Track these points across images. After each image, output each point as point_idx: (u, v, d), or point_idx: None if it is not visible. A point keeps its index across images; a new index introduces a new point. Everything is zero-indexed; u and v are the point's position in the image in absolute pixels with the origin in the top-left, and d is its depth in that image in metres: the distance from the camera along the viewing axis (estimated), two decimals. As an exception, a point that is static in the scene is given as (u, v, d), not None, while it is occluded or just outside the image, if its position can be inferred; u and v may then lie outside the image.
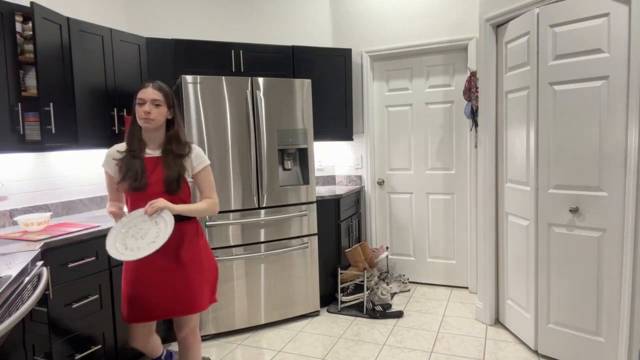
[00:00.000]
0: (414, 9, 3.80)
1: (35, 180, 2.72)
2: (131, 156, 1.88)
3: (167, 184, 1.87)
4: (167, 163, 1.90)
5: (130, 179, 1.85)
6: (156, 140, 1.94)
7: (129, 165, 1.87)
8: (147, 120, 1.86)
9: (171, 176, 1.88)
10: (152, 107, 1.86)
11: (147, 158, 1.91)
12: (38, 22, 2.28)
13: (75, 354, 2.20)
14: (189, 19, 3.64)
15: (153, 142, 1.94)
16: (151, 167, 1.89)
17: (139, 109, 1.87)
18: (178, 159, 1.92)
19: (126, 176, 1.85)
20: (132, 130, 1.93)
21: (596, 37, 2.20)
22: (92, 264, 2.30)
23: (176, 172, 1.89)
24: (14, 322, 1.38)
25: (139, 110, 1.86)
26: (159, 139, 1.95)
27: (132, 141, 1.92)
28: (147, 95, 1.86)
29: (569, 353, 2.46)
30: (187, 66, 3.19)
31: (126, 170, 1.86)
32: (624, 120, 2.13)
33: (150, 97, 1.86)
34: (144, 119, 1.85)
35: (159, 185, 1.88)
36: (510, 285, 2.90)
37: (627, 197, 2.13)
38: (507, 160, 2.86)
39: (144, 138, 1.93)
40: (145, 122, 1.86)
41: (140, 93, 1.88)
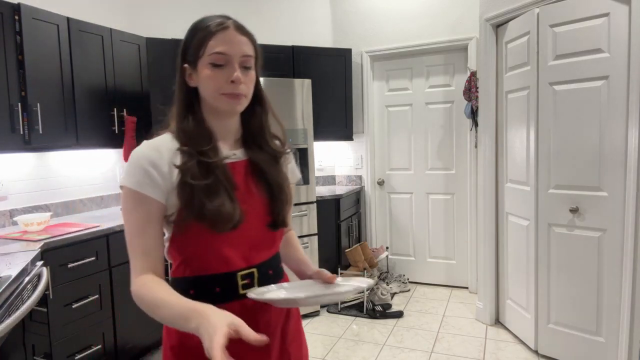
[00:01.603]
0: (414, 9, 3.80)
1: (35, 180, 2.72)
2: (204, 162, 0.94)
3: (276, 210, 1.02)
4: (268, 171, 1.03)
5: (215, 207, 0.90)
6: (230, 131, 1.03)
7: (208, 179, 0.92)
8: (236, 97, 0.95)
9: (280, 196, 1.03)
10: (241, 70, 0.96)
11: (231, 164, 0.99)
12: (26, 22, 2.28)
13: (75, 354, 2.20)
14: (189, 19, 3.63)
15: (225, 134, 1.02)
16: (240, 182, 0.99)
17: (214, 73, 0.94)
18: (277, 163, 1.08)
19: (207, 204, 0.90)
20: (188, 114, 0.99)
21: (596, 37, 2.20)
22: (92, 264, 2.30)
23: (284, 188, 1.05)
24: (14, 322, 1.38)
25: (214, 76, 0.94)
26: (234, 128, 1.04)
27: (196, 135, 0.96)
28: (233, 46, 0.95)
29: (569, 353, 2.46)
30: (187, 66, 3.17)
31: (207, 191, 0.91)
32: (624, 120, 2.13)
33: (240, 50, 0.96)
34: (230, 95, 0.95)
35: (259, 214, 1.00)
36: (510, 285, 2.90)
37: (627, 197, 2.13)
38: (507, 160, 2.86)
39: (213, 126, 1.00)
40: (232, 100, 0.95)
41: (216, 39, 0.95)
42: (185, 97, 1.00)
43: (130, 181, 0.90)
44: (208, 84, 0.95)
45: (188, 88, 1.00)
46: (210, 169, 0.93)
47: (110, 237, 2.42)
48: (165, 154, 0.93)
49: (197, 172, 0.92)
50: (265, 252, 1.03)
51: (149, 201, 0.90)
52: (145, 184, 0.89)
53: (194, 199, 0.90)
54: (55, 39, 2.46)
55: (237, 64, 0.95)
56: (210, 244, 0.94)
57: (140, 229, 0.90)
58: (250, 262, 0.99)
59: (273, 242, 1.06)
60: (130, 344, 2.56)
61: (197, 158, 0.93)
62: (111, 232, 2.42)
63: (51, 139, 2.44)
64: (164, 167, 0.91)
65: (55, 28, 2.46)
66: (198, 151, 0.94)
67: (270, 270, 1.04)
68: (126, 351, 2.53)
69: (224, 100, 0.95)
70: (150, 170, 0.90)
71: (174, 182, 0.91)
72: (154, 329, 2.75)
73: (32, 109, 2.31)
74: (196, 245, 0.95)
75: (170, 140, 0.96)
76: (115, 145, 2.88)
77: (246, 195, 0.98)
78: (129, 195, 0.90)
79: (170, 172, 0.92)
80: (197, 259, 0.96)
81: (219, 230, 0.91)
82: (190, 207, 0.90)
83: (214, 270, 0.96)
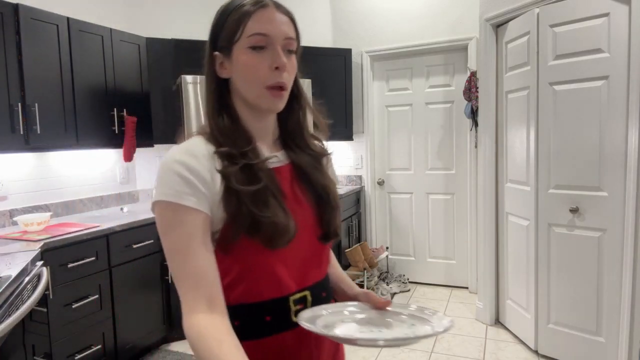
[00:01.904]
0: (414, 9, 3.80)
1: (35, 180, 2.72)
2: (249, 165, 0.80)
3: (326, 219, 0.88)
4: (313, 175, 0.89)
5: (268, 217, 0.77)
6: (268, 131, 0.89)
7: (256, 184, 0.78)
8: (279, 91, 0.81)
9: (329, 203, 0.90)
10: (285, 55, 0.81)
11: (275, 169, 0.85)
12: (24, 23, 2.28)
13: (75, 354, 2.20)
14: (189, 19, 3.64)
15: (264, 135, 0.88)
16: (287, 189, 0.85)
17: (255, 59, 0.79)
18: (321, 166, 0.94)
19: (258, 214, 0.76)
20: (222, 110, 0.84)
21: (596, 37, 2.20)
22: (92, 264, 2.30)
23: (332, 193, 0.92)
24: (14, 322, 1.38)
25: (255, 62, 0.79)
26: (272, 126, 0.90)
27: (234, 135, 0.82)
28: (275, 26, 0.80)
29: (569, 353, 2.46)
30: (187, 66, 3.18)
31: (255, 199, 0.77)
32: (624, 120, 2.13)
33: (283, 31, 0.81)
34: (274, 87, 0.80)
35: (309, 225, 0.87)
36: (510, 285, 2.89)
37: (627, 197, 2.13)
38: (507, 160, 2.86)
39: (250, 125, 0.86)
40: (275, 95, 0.81)
41: (255, 19, 0.79)
42: (216, 90, 0.85)
43: (166, 193, 0.73)
44: (247, 72, 0.80)
45: (219, 80, 0.85)
46: (255, 174, 0.78)
47: (110, 237, 2.42)
48: (202, 160, 0.77)
49: (242, 177, 0.77)
50: (318, 270, 0.90)
51: (193, 214, 0.73)
52: (186, 193, 0.73)
53: (242, 209, 0.75)
54: (55, 39, 2.46)
55: (279, 47, 0.80)
56: (262, 264, 0.80)
57: (186, 250, 0.72)
58: (303, 283, 0.85)
59: (325, 258, 0.92)
60: (130, 344, 2.56)
61: (240, 161, 0.78)
62: (111, 232, 2.42)
63: (50, 139, 2.44)
64: (204, 173, 0.76)
65: (55, 28, 2.46)
66: (241, 153, 0.79)
67: (323, 292, 0.90)
68: (126, 351, 2.53)
69: (266, 95, 0.80)
70: (190, 177, 0.74)
71: (218, 191, 0.76)
72: (154, 329, 2.75)
73: (30, 109, 2.31)
74: (244, 266, 0.79)
75: (203, 144, 0.80)
76: (115, 145, 2.88)
77: (294, 204, 0.84)
78: (167, 211, 0.74)
79: (212, 179, 0.76)
80: (245, 284, 0.80)
81: (273, 245, 0.77)
82: (239, 219, 0.75)
83: (264, 296, 0.81)
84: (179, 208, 0.73)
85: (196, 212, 0.74)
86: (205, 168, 0.76)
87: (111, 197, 3.22)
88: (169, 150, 0.80)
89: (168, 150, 0.80)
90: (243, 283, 0.80)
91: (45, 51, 2.40)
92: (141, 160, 3.44)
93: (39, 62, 2.37)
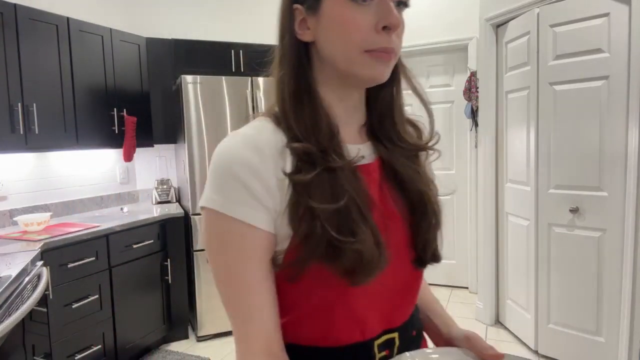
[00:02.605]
0: (413, 9, 3.76)
1: (35, 180, 2.72)
2: (330, 169, 0.58)
3: (423, 238, 0.67)
4: (408, 176, 0.67)
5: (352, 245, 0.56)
6: (355, 115, 0.69)
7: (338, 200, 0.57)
8: (387, 55, 0.60)
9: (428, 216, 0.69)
10: (396, 7, 0.61)
11: (361, 167, 0.63)
12: (23, 23, 2.29)
13: (75, 354, 2.20)
14: (189, 19, 3.64)
15: (349, 120, 0.67)
16: (375, 196, 0.63)
17: (356, 13, 0.58)
18: (418, 164, 0.72)
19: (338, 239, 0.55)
20: (300, 88, 0.63)
21: (596, 37, 2.20)
22: (92, 264, 2.30)
23: (433, 202, 0.70)
24: (14, 322, 1.38)
25: (356, 17, 0.58)
26: (361, 109, 0.69)
27: (315, 123, 0.61)
28: None
29: (569, 353, 2.46)
30: (187, 66, 3.18)
31: (336, 218, 0.56)
32: (624, 120, 2.13)
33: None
34: (380, 51, 0.59)
35: (402, 245, 0.66)
36: (510, 285, 2.89)
37: (627, 197, 2.13)
38: (507, 160, 2.86)
39: (331, 107, 0.64)
40: (380, 61, 0.60)
41: None
42: (295, 58, 0.62)
43: (218, 201, 0.56)
44: (342, 30, 0.58)
45: (299, 44, 0.62)
46: (338, 183, 0.57)
47: (110, 237, 2.42)
48: (269, 155, 0.57)
49: (319, 188, 0.56)
50: (409, 304, 0.69)
51: (251, 232, 0.56)
52: (245, 204, 0.56)
53: (315, 229, 0.55)
54: (54, 39, 2.46)
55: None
56: (340, 301, 0.60)
57: (241, 277, 0.57)
58: (391, 322, 0.66)
59: (418, 287, 0.71)
60: (130, 344, 2.56)
61: (320, 162, 0.57)
62: (111, 232, 2.42)
63: (50, 139, 2.44)
64: (269, 176, 0.57)
65: (54, 28, 2.46)
66: (320, 149, 0.58)
67: (413, 330, 0.71)
68: (126, 351, 2.53)
69: (365, 60, 0.58)
70: (252, 183, 0.55)
71: (284, 200, 0.57)
72: (154, 329, 2.75)
73: (29, 109, 2.31)
74: (317, 302, 0.60)
75: (272, 132, 0.60)
76: (115, 145, 2.89)
77: (384, 217, 0.62)
78: (218, 223, 0.57)
79: (279, 184, 0.57)
80: (316, 323, 0.62)
81: (356, 280, 0.57)
82: (311, 241, 0.55)
83: (340, 340, 0.62)
84: (234, 223, 0.56)
85: (256, 230, 0.56)
86: (271, 167, 0.57)
87: (111, 197, 3.22)
88: (226, 137, 0.60)
89: (225, 138, 0.60)
90: (314, 322, 0.61)
91: (45, 51, 2.40)
92: (141, 160, 3.44)
93: (38, 62, 2.37)
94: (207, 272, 2.91)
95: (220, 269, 0.58)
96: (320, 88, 0.63)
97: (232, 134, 0.60)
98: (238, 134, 0.60)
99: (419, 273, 0.69)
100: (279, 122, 0.62)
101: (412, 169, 0.68)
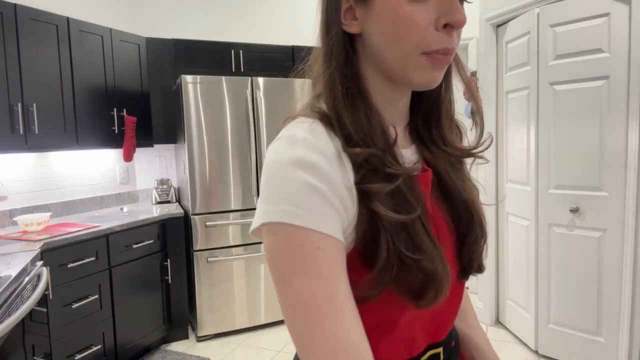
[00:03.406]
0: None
1: (35, 180, 2.72)
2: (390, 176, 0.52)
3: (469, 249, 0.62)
4: (454, 185, 0.62)
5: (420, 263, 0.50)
6: (402, 115, 0.62)
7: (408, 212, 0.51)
8: (445, 57, 0.53)
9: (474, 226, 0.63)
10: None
11: (418, 176, 0.57)
12: (22, 23, 2.29)
13: (75, 354, 2.20)
14: (189, 19, 3.64)
15: (396, 121, 0.61)
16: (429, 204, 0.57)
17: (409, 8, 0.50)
18: (462, 171, 0.67)
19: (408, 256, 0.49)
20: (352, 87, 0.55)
21: (596, 37, 2.20)
22: (92, 264, 2.30)
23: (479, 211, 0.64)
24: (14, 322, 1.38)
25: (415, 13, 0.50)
26: (406, 108, 0.62)
27: (371, 127, 0.53)
28: None
29: (569, 353, 2.46)
30: (187, 66, 3.18)
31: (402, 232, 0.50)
32: (624, 120, 2.13)
33: None
34: (440, 53, 0.52)
35: (450, 258, 0.58)
36: (510, 285, 2.89)
37: (628, 197, 2.13)
38: (507, 160, 2.86)
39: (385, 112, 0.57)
40: (438, 65, 0.53)
41: None
42: (345, 55, 0.55)
43: (289, 212, 0.47)
44: (398, 27, 0.51)
45: (345, 36, 0.55)
46: (405, 193, 0.52)
47: (110, 237, 2.42)
48: (333, 161, 0.50)
49: (388, 197, 0.50)
50: (452, 318, 0.65)
51: (332, 245, 0.47)
52: (322, 214, 0.47)
53: (389, 247, 0.49)
54: (54, 39, 2.46)
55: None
56: (396, 322, 0.55)
57: (329, 303, 0.46)
58: (436, 337, 0.62)
59: (460, 299, 0.67)
60: (130, 344, 2.56)
61: (382, 168, 0.51)
62: (111, 232, 2.42)
63: (49, 139, 2.44)
64: (340, 184, 0.49)
65: (54, 28, 2.46)
66: (375, 155, 0.52)
67: (452, 341, 0.67)
68: (126, 351, 2.53)
69: (423, 65, 0.52)
70: (325, 189, 0.48)
71: (354, 210, 0.51)
72: (154, 329, 2.75)
73: (29, 109, 2.31)
74: (374, 323, 0.52)
75: (328, 137, 0.52)
76: (115, 145, 2.89)
77: (437, 231, 0.56)
78: (290, 240, 0.47)
79: (350, 194, 0.50)
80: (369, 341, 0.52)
81: (422, 302, 0.51)
82: (387, 262, 0.49)
83: (386, 358, 0.56)
84: (311, 236, 0.46)
85: (336, 243, 0.48)
86: (339, 176, 0.49)
87: (111, 197, 3.22)
88: (280, 142, 0.52)
89: (276, 142, 0.52)
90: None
91: (45, 51, 2.40)
92: (141, 160, 3.44)
93: (38, 62, 2.37)
94: (207, 272, 2.91)
95: (297, 293, 0.46)
96: (372, 86, 0.56)
97: (287, 137, 0.51)
98: (296, 137, 0.50)
99: (462, 285, 0.65)
100: (330, 124, 0.53)
101: (458, 177, 0.63)
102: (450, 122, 0.63)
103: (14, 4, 2.25)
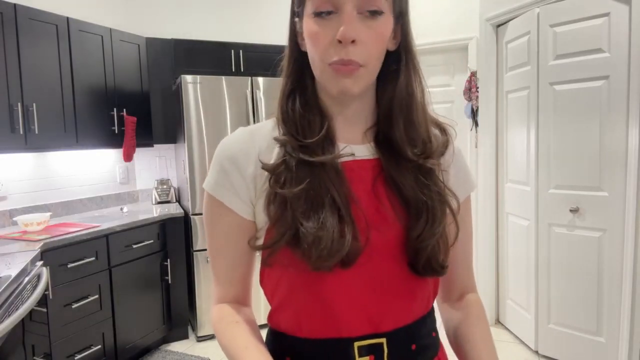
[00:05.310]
0: (413, 9, 3.79)
1: (35, 180, 2.71)
2: (305, 162, 0.63)
3: (416, 245, 0.64)
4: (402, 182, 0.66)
5: (311, 227, 0.60)
6: (359, 116, 0.70)
7: (304, 185, 0.62)
8: (345, 68, 0.61)
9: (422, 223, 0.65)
10: (361, 19, 0.61)
11: (349, 164, 0.66)
12: (22, 23, 2.29)
13: (75, 354, 2.20)
14: (189, 19, 3.64)
15: (353, 120, 0.70)
16: (365, 192, 0.66)
17: (318, 29, 0.62)
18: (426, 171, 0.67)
19: (302, 223, 0.60)
20: (295, 89, 0.70)
21: (596, 37, 2.20)
22: (91, 264, 2.30)
23: (433, 211, 0.65)
24: (14, 322, 1.38)
25: (318, 33, 0.62)
26: (366, 110, 0.70)
27: (302, 120, 0.67)
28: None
29: (570, 353, 2.46)
30: (187, 66, 3.18)
31: (303, 204, 0.61)
32: (625, 120, 2.13)
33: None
34: (338, 64, 0.60)
35: (395, 248, 0.65)
36: (510, 285, 2.89)
37: (628, 197, 2.12)
38: (507, 160, 2.86)
39: (331, 111, 0.69)
40: (339, 74, 0.61)
41: None
42: (294, 65, 0.69)
43: (209, 183, 0.68)
44: (310, 45, 0.63)
45: (299, 52, 0.68)
46: (313, 172, 0.62)
47: (110, 237, 2.42)
48: (257, 146, 0.67)
49: (292, 176, 0.62)
50: (402, 310, 0.66)
51: (226, 213, 0.67)
52: (223, 188, 0.66)
53: (285, 213, 0.61)
54: (54, 39, 2.46)
55: (352, 9, 0.59)
56: (310, 290, 0.63)
57: (219, 248, 0.70)
58: (378, 326, 0.64)
59: (420, 297, 0.68)
60: (130, 344, 2.56)
61: (296, 154, 0.63)
62: (111, 232, 2.42)
63: (49, 139, 2.44)
64: (248, 165, 0.66)
65: (54, 28, 2.46)
66: (300, 144, 0.64)
67: (412, 343, 0.67)
68: (126, 351, 2.53)
69: (329, 74, 0.62)
70: (230, 170, 0.66)
71: (262, 189, 0.65)
72: (154, 329, 2.75)
73: (29, 109, 2.31)
74: (290, 288, 0.65)
75: (271, 127, 0.70)
76: (115, 145, 2.89)
77: (377, 215, 0.64)
78: (208, 202, 0.69)
79: (259, 173, 0.66)
80: (292, 310, 0.66)
81: (314, 265, 0.59)
82: (280, 225, 0.61)
83: (312, 332, 0.64)
84: (216, 203, 0.67)
85: (229, 212, 0.67)
86: (252, 158, 0.66)
87: (111, 197, 3.22)
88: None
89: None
90: (291, 309, 0.66)
91: (45, 51, 2.40)
92: (141, 160, 3.44)
93: (38, 62, 2.37)
94: (207, 272, 2.91)
95: (208, 238, 0.71)
96: (321, 93, 0.69)
97: (239, 128, 0.71)
98: (242, 128, 0.71)
99: (419, 280, 0.67)
100: (278, 122, 0.69)
101: (411, 177, 0.66)
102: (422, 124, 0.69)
103: (14, 4, 2.25)
